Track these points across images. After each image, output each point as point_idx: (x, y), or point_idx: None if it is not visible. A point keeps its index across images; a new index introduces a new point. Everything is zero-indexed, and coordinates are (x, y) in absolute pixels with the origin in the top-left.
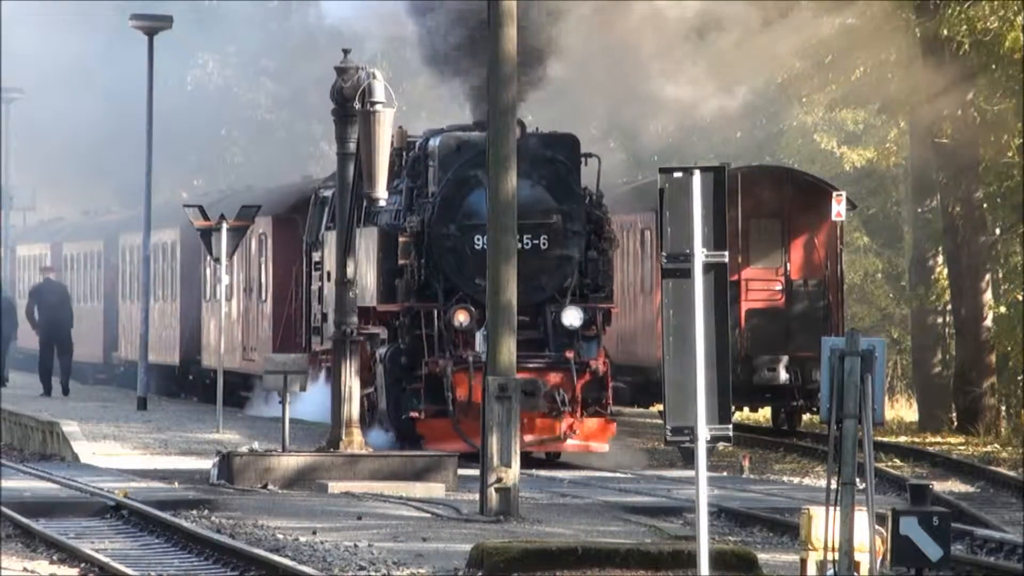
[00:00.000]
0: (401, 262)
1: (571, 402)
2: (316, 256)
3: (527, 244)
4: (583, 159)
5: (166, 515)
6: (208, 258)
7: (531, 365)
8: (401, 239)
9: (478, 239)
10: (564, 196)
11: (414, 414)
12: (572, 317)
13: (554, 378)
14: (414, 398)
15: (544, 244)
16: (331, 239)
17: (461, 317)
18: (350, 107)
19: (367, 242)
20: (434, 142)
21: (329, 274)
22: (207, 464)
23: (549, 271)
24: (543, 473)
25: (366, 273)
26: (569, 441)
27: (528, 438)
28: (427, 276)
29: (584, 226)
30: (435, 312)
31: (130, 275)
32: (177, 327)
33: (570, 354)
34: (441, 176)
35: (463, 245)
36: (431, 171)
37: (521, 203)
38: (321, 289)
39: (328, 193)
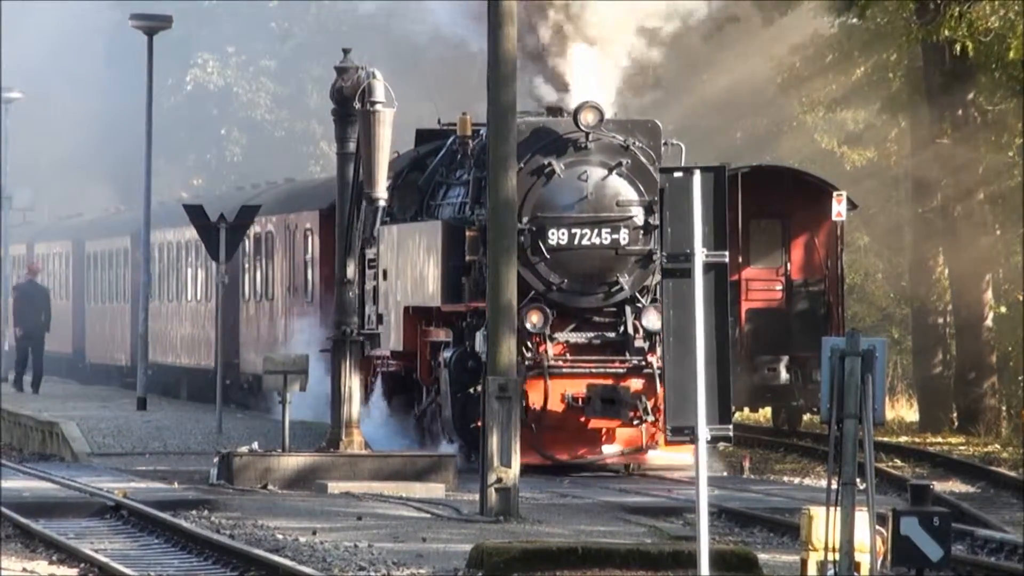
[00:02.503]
0: (468, 258)
1: (654, 410)
2: (370, 253)
3: (605, 239)
4: (664, 146)
5: (166, 515)
6: (247, 256)
7: (610, 371)
8: (468, 234)
9: (553, 233)
10: (644, 187)
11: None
12: (654, 319)
13: (636, 384)
14: None
15: (623, 240)
16: (387, 235)
17: (534, 318)
18: (350, 107)
19: (428, 237)
20: None
21: (385, 272)
22: (207, 464)
23: (628, 269)
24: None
25: (427, 271)
26: (652, 452)
27: (607, 449)
28: None
29: None
30: None
31: (159, 273)
32: (212, 329)
33: (652, 358)
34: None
35: (536, 240)
36: None
37: (598, 195)
38: (376, 288)
39: None
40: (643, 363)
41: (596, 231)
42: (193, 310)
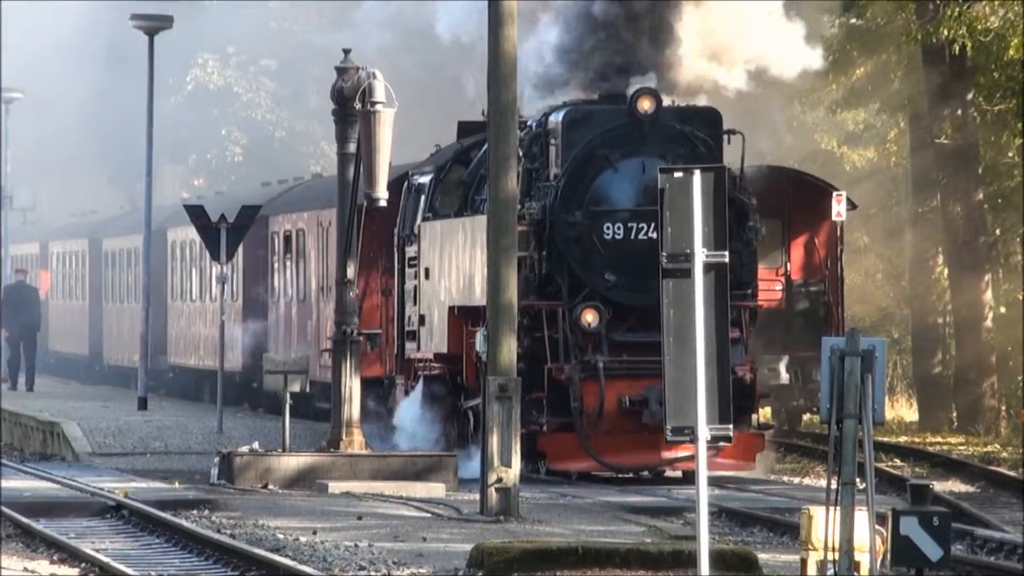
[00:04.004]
0: (519, 254)
1: None
2: (410, 251)
3: None
4: (725, 136)
5: (166, 515)
6: (277, 255)
7: None
8: (518, 228)
9: (608, 227)
10: None
11: (535, 428)
12: None
13: None
14: (534, 410)
15: None
16: (429, 231)
17: (589, 317)
18: (350, 107)
19: (474, 232)
20: (556, 117)
21: (427, 271)
22: (208, 464)
23: None
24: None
25: (474, 269)
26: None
27: (666, 455)
28: (549, 270)
29: None
30: (559, 311)
31: (182, 273)
32: (239, 331)
33: None
34: (565, 156)
35: (590, 234)
36: (553, 150)
37: (654, 187)
38: (417, 288)
39: (424, 179)
40: None
41: (654, 225)
42: (215, 312)
